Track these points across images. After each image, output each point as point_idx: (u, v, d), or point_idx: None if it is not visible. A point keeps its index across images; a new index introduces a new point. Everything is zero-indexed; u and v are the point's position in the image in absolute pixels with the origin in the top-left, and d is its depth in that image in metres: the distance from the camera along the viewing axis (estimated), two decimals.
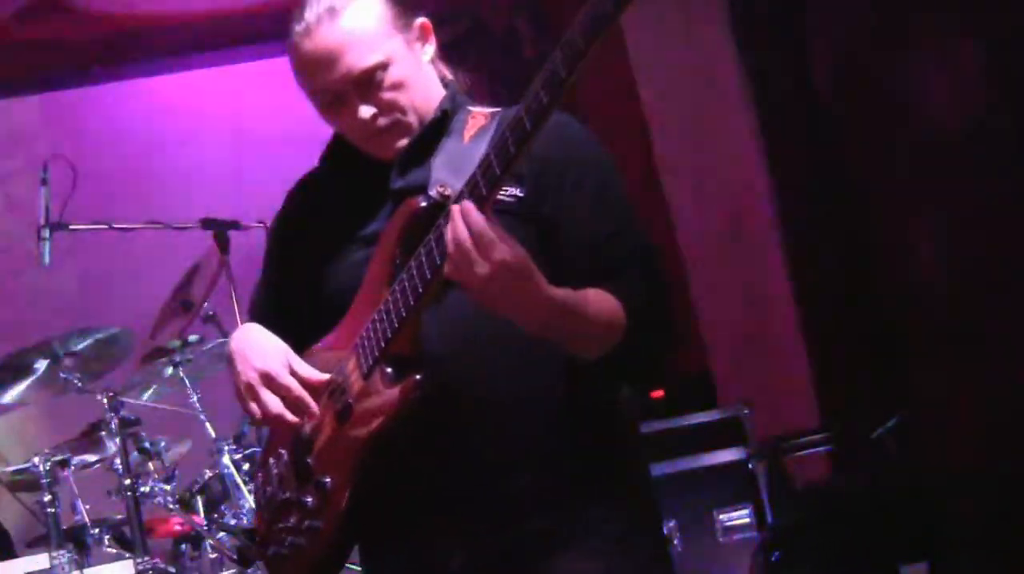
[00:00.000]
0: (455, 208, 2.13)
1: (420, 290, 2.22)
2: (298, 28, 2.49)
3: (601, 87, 5.09)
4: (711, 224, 5.66)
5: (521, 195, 2.41)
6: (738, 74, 5.55)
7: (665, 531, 4.80)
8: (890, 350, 5.03)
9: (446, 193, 2.35)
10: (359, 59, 2.46)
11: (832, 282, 5.29)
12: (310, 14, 2.49)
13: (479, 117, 2.56)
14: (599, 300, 2.34)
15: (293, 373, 2.50)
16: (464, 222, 2.14)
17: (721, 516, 4.90)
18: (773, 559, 4.58)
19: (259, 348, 2.58)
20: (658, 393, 4.94)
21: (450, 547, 2.49)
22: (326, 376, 2.49)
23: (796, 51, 5.38)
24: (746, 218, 5.49)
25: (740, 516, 4.88)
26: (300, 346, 2.61)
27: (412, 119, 2.52)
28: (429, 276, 2.21)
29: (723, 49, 5.58)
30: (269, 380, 2.48)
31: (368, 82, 2.48)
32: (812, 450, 4.92)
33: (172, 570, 4.69)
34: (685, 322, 5.42)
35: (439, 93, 2.58)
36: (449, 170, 2.43)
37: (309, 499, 2.53)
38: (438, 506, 2.50)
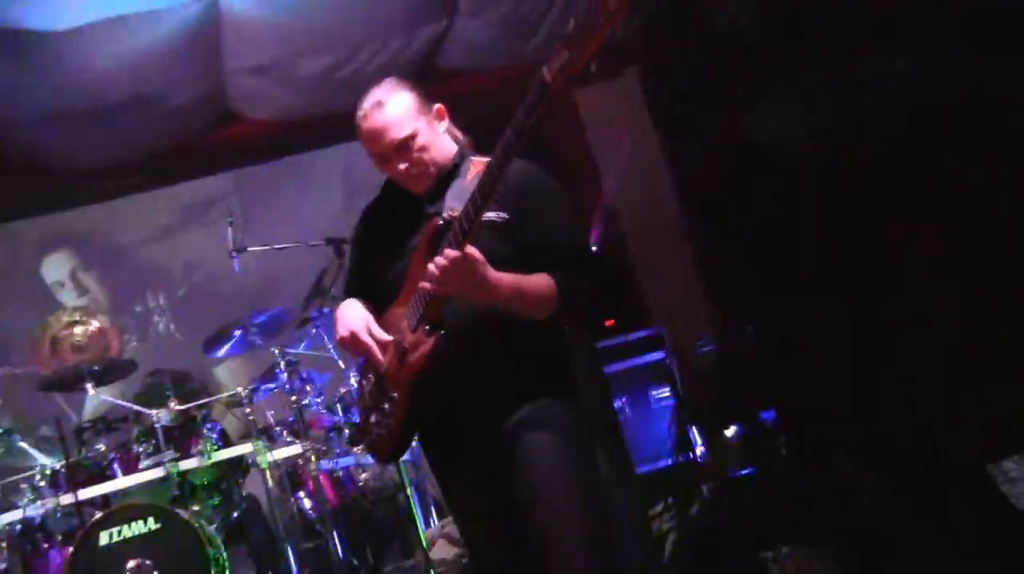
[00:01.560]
0: (430, 266, 3.17)
1: None
2: (359, 114, 3.53)
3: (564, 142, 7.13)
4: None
5: (506, 216, 3.39)
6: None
7: (617, 405, 6.75)
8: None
9: (454, 215, 3.29)
10: (397, 133, 3.48)
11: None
12: (366, 104, 3.52)
13: (478, 163, 3.48)
14: (538, 281, 3.38)
15: (370, 333, 3.57)
16: (436, 264, 3.16)
17: (652, 392, 6.94)
18: (683, 414, 6.69)
19: (350, 316, 3.65)
20: (610, 322, 6.93)
21: (465, 435, 3.52)
22: (389, 337, 3.52)
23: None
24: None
25: (663, 391, 6.94)
26: (377, 310, 3.67)
27: (433, 169, 3.55)
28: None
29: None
30: (355, 337, 3.58)
31: (404, 147, 3.50)
32: (703, 349, 6.95)
33: (323, 449, 6.70)
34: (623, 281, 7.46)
35: (452, 149, 3.62)
36: (456, 200, 3.34)
37: (386, 406, 3.58)
38: (457, 409, 3.50)
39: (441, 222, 3.33)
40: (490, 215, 3.29)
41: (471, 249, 3.16)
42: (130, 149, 8.45)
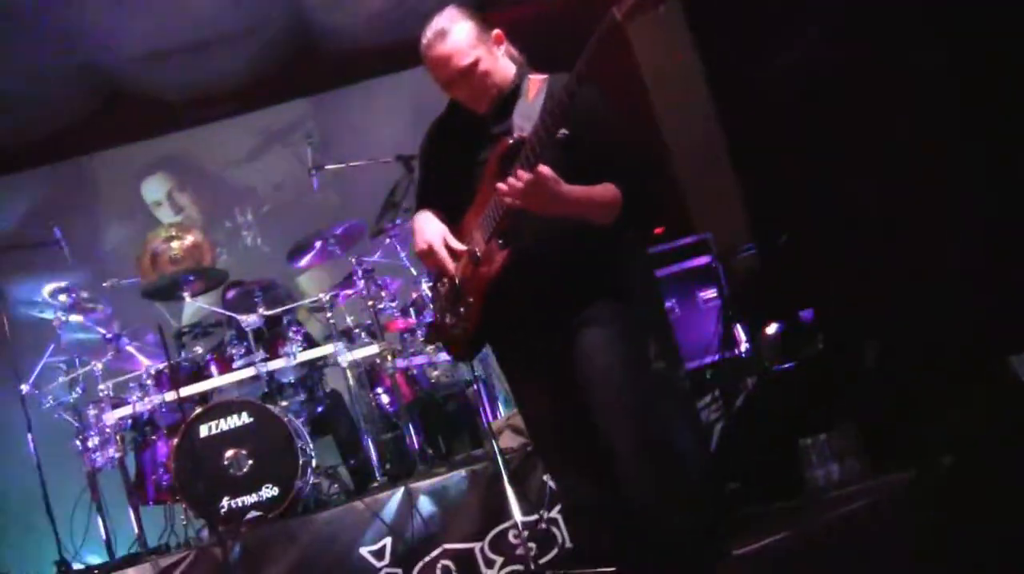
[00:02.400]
0: (504, 187, 3.33)
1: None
2: (423, 43, 3.65)
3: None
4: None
5: (568, 133, 3.43)
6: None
7: (668, 305, 6.94)
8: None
9: (524, 135, 3.43)
10: (459, 62, 3.61)
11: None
12: (429, 33, 3.64)
13: (536, 81, 3.62)
14: (604, 189, 3.53)
15: (445, 243, 3.74)
16: (512, 184, 3.32)
17: (700, 294, 7.17)
18: (728, 313, 6.96)
19: (427, 228, 3.82)
20: (659, 229, 7.18)
21: (532, 334, 3.72)
22: (464, 247, 3.68)
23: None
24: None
25: (710, 293, 7.18)
26: (448, 219, 3.82)
27: (495, 91, 3.69)
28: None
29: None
30: (431, 247, 3.75)
31: (467, 74, 3.64)
32: (746, 253, 7.25)
33: (398, 348, 7.02)
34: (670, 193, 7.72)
35: (512, 70, 3.73)
36: (523, 119, 3.50)
37: (461, 310, 3.77)
38: (526, 311, 3.69)
39: (512, 141, 3.48)
40: (557, 134, 3.37)
41: (544, 168, 3.31)
42: (221, 80, 8.91)
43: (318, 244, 7.25)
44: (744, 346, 7.09)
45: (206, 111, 9.64)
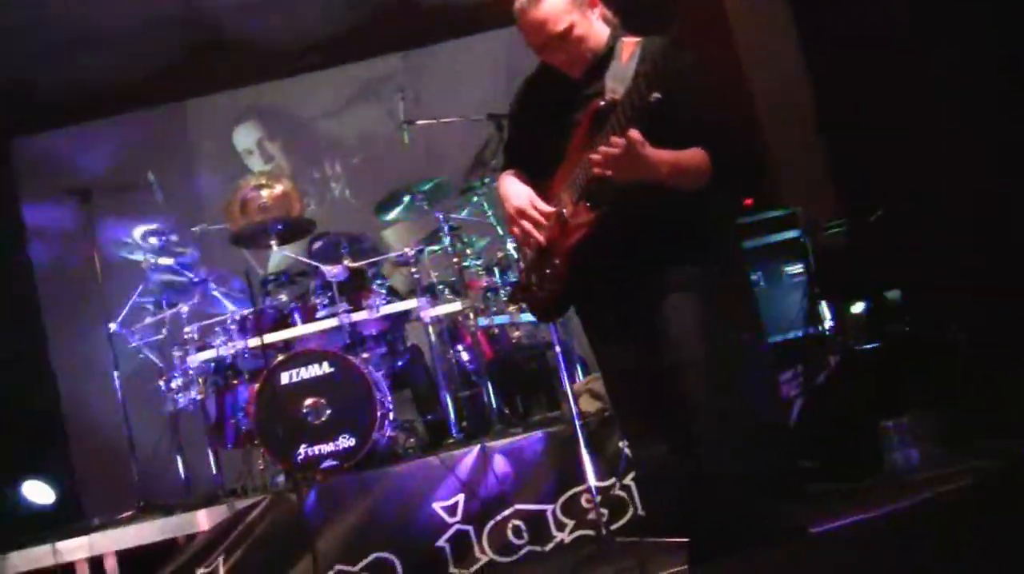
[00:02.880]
0: (595, 157, 3.37)
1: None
2: (517, 5, 3.65)
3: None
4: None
5: (659, 97, 3.34)
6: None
7: (753, 278, 6.91)
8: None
9: (616, 97, 3.44)
10: (554, 27, 3.62)
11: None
12: None
13: (629, 44, 3.61)
14: (693, 155, 3.54)
15: (533, 206, 3.77)
16: (603, 152, 3.36)
17: (786, 268, 7.12)
18: (814, 289, 6.86)
19: (513, 191, 3.87)
20: (749, 201, 7.10)
21: (616, 297, 3.75)
22: (552, 209, 3.71)
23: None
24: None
25: (796, 268, 7.11)
26: (535, 180, 3.87)
27: (589, 55, 3.69)
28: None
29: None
30: (520, 212, 3.80)
31: (561, 39, 3.65)
32: (835, 229, 7.12)
33: (481, 307, 7.07)
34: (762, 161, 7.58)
35: (605, 33, 3.72)
36: (615, 82, 3.51)
37: (547, 271, 3.82)
38: (611, 274, 3.71)
39: (603, 104, 3.49)
40: (649, 97, 3.34)
41: (634, 133, 3.32)
42: (317, 30, 8.95)
43: (406, 199, 7.27)
44: (828, 323, 7.01)
45: (301, 61, 9.73)
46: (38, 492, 8.27)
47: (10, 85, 8.90)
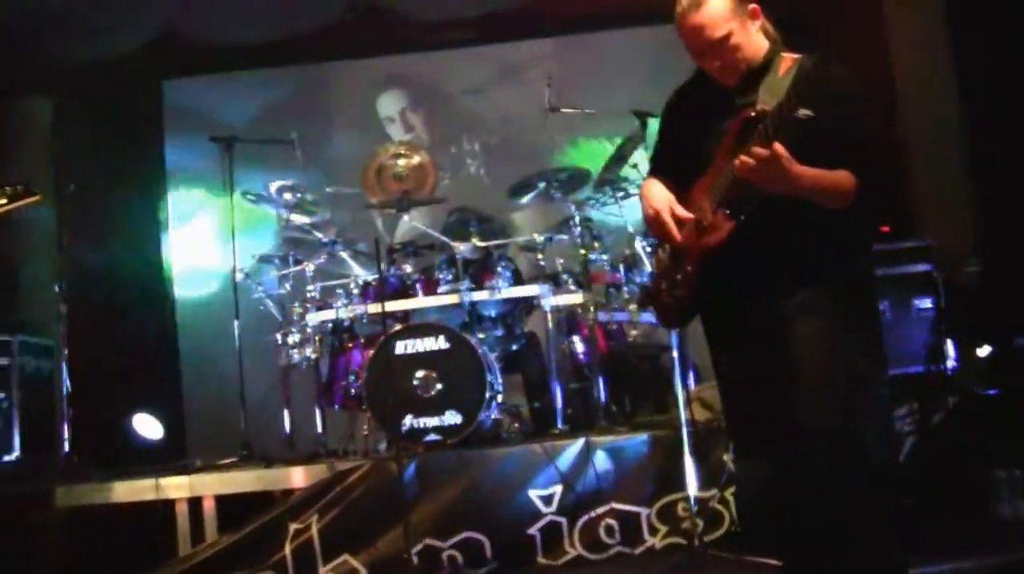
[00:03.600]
0: (737, 163, 3.36)
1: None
2: (679, 9, 3.60)
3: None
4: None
5: (811, 114, 3.36)
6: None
7: (881, 307, 6.63)
8: None
9: (767, 109, 3.40)
10: (712, 33, 3.56)
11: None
12: (684, 1, 3.59)
13: (788, 59, 3.58)
14: (837, 175, 3.46)
15: (672, 211, 3.74)
16: (744, 161, 3.33)
17: (914, 301, 6.92)
18: (940, 326, 6.74)
19: (655, 195, 3.83)
20: (885, 228, 6.93)
21: (745, 310, 3.67)
22: (690, 215, 3.68)
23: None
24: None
25: (925, 302, 6.92)
26: (679, 186, 3.81)
27: (743, 66, 3.62)
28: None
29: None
30: (658, 215, 3.75)
31: (717, 46, 3.58)
32: (971, 268, 6.94)
33: (603, 301, 7.12)
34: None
35: (764, 46, 3.65)
36: (768, 94, 3.47)
37: (678, 277, 3.80)
38: (743, 286, 3.64)
39: (753, 114, 3.45)
40: (799, 112, 3.34)
41: (779, 147, 3.29)
42: (469, 6, 8.99)
43: (541, 185, 7.26)
44: (951, 363, 6.89)
45: (451, 35, 9.75)
46: (147, 426, 8.50)
47: (167, 30, 9.09)
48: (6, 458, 7.09)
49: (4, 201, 3.69)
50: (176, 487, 6.23)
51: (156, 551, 6.07)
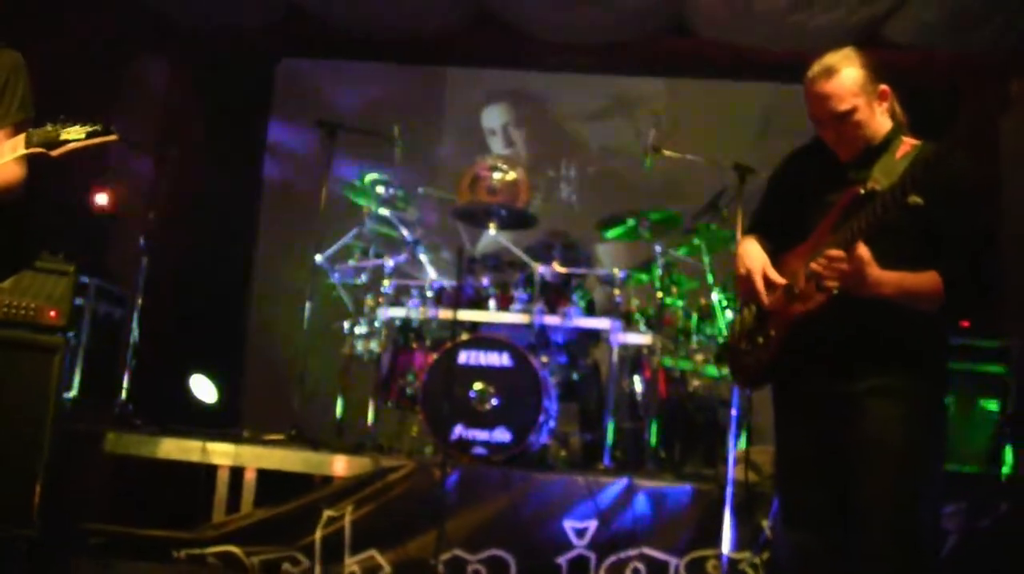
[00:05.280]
0: (819, 260, 3.41)
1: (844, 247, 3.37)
2: (809, 74, 3.64)
3: None
4: None
5: (921, 203, 3.37)
6: None
7: (945, 402, 6.99)
8: None
9: (877, 188, 3.42)
10: (837, 105, 3.59)
11: None
12: (817, 67, 3.63)
13: (907, 144, 3.60)
14: (924, 281, 3.43)
15: (764, 274, 3.73)
16: (833, 264, 3.39)
17: (981, 400, 6.78)
18: (1004, 431, 6.65)
19: (751, 255, 3.82)
20: (966, 323, 6.61)
21: (821, 384, 3.65)
22: (783, 280, 3.67)
23: None
24: None
25: (992, 404, 6.78)
26: (776, 249, 3.80)
27: (862, 142, 3.64)
28: (851, 241, 3.37)
29: None
30: (751, 274, 3.76)
31: (840, 119, 3.60)
32: None
33: (671, 347, 7.07)
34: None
35: (886, 127, 3.66)
36: (881, 174, 3.47)
37: (760, 339, 3.79)
38: (823, 360, 3.63)
39: (863, 191, 3.46)
40: (909, 199, 3.34)
41: (860, 252, 3.33)
42: (589, 33, 9.03)
43: (631, 221, 7.28)
44: (1008, 469, 6.74)
45: (568, 59, 9.71)
46: (203, 388, 8.64)
47: (294, 8, 9.15)
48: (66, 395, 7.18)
49: (83, 136, 3.82)
50: (221, 453, 6.32)
51: (192, 513, 6.18)
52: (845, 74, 3.59)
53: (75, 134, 3.82)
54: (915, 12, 8.06)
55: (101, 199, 8.67)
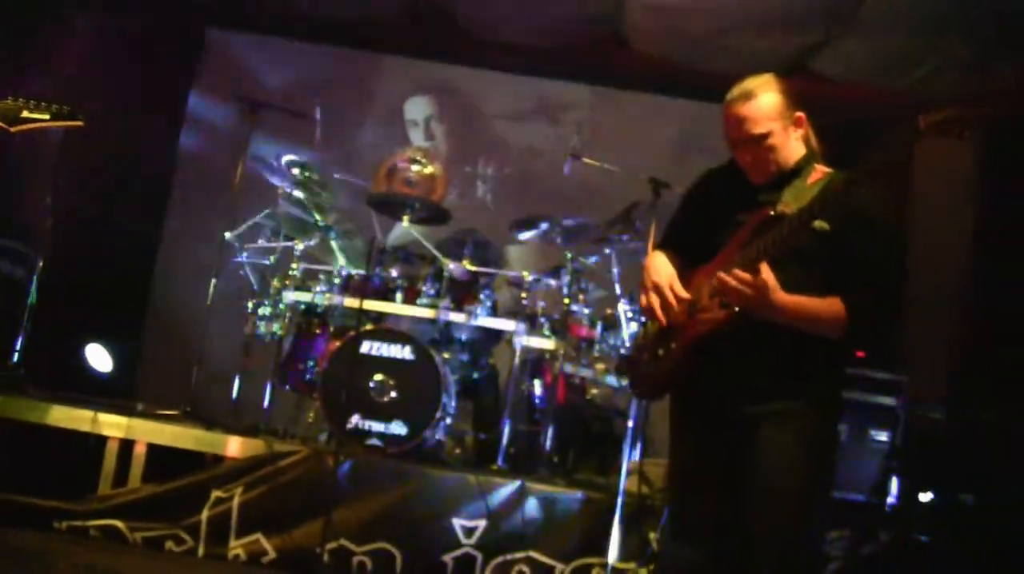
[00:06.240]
0: (722, 276, 3.43)
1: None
2: (729, 97, 3.67)
3: None
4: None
5: (828, 228, 3.44)
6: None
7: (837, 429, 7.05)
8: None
9: (786, 211, 3.48)
10: (752, 128, 3.63)
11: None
12: (737, 91, 3.66)
13: (819, 171, 3.65)
14: (829, 306, 3.48)
15: (671, 286, 3.75)
16: (723, 279, 3.43)
17: (872, 431, 6.95)
18: (891, 464, 6.74)
19: (658, 269, 3.84)
20: (861, 353, 6.83)
21: (718, 403, 3.67)
22: (688, 295, 3.70)
23: None
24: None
25: (882, 436, 6.95)
26: (684, 265, 3.83)
27: (773, 167, 3.68)
28: (756, 261, 3.41)
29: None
30: (656, 288, 3.77)
31: (754, 141, 3.64)
32: (934, 413, 6.96)
33: (573, 354, 7.06)
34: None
35: (800, 152, 3.71)
36: (791, 198, 3.53)
37: (662, 352, 3.80)
38: (721, 378, 3.65)
39: (772, 214, 3.51)
40: (815, 223, 3.41)
41: (765, 275, 3.37)
42: (524, 35, 9.02)
43: (544, 226, 7.30)
44: (892, 500, 6.88)
45: (498, 58, 9.76)
46: (98, 357, 8.51)
47: None
48: None
49: (47, 116, 3.76)
50: (112, 425, 6.23)
51: (78, 483, 6.08)
52: (763, 99, 3.63)
53: (39, 114, 3.76)
54: (845, 48, 8.17)
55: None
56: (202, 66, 10.16)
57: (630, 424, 5.84)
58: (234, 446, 6.20)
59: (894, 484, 6.90)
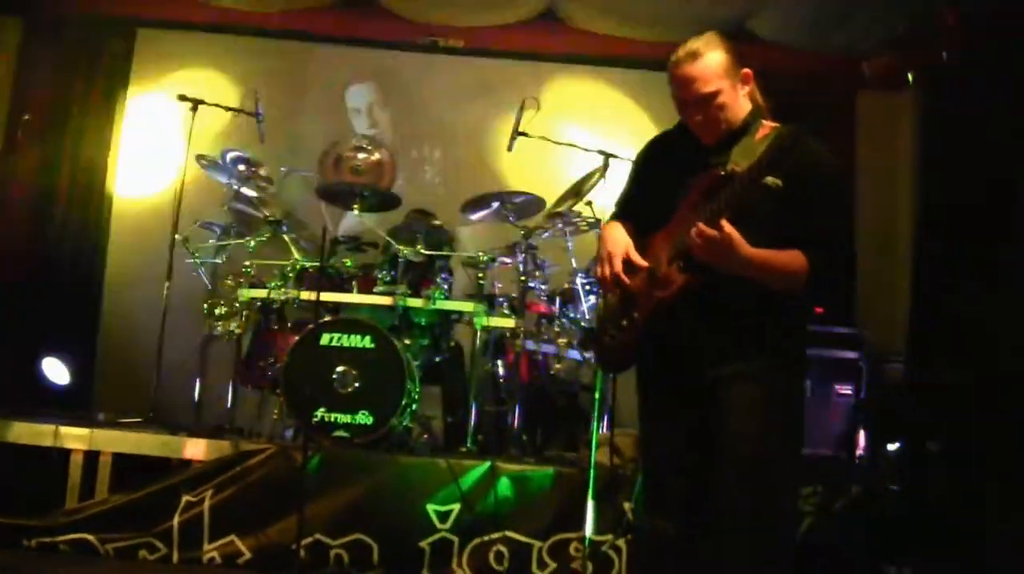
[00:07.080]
0: (693, 231, 3.40)
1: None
2: (674, 58, 3.65)
3: None
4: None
5: (781, 184, 3.45)
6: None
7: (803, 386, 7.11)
8: None
9: (736, 170, 3.48)
10: (702, 87, 3.61)
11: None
12: (682, 51, 3.64)
13: (767, 127, 3.66)
14: (788, 259, 3.49)
15: (628, 255, 3.75)
16: (693, 234, 3.40)
17: (836, 386, 7.05)
18: (857, 416, 6.80)
19: (613, 237, 3.85)
20: (819, 309, 6.80)
21: (683, 367, 3.68)
22: (645, 263, 3.70)
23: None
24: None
25: (846, 389, 7.05)
26: (640, 234, 3.82)
27: (724, 126, 3.67)
28: (712, 221, 3.39)
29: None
30: (612, 257, 3.77)
31: (703, 101, 3.63)
32: (894, 364, 7.08)
33: (533, 330, 7.09)
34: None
35: (747, 109, 3.71)
36: (741, 156, 3.54)
37: (624, 322, 3.78)
38: (685, 343, 3.67)
39: (723, 174, 3.51)
40: (767, 179, 3.42)
41: (728, 228, 3.35)
42: (460, 16, 9.00)
43: (495, 204, 7.25)
44: (861, 453, 6.96)
45: (436, 40, 9.76)
46: (55, 371, 8.37)
47: None
48: None
49: None
50: (75, 438, 6.17)
51: (44, 499, 6.01)
52: (709, 57, 3.62)
53: None
54: (780, 10, 8.26)
55: None
56: (139, 66, 9.98)
57: (596, 397, 5.78)
58: (200, 449, 6.16)
59: (861, 436, 6.99)
